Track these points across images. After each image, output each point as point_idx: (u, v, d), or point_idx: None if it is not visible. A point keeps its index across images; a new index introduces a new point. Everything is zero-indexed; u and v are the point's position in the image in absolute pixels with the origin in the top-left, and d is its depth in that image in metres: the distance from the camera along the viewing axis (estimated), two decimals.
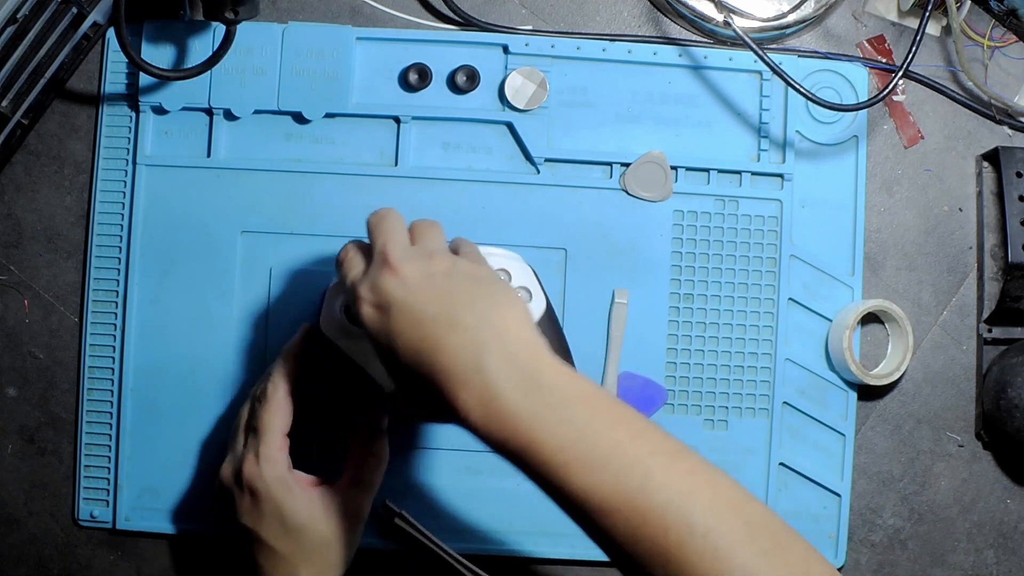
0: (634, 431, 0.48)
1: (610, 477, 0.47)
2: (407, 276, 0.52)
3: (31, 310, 0.70)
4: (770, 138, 0.70)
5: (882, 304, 0.69)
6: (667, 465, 0.47)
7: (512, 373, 0.49)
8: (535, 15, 0.72)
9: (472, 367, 0.49)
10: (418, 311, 0.51)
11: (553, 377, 0.49)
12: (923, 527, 0.71)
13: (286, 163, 0.69)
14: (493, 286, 0.53)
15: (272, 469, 0.59)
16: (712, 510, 0.46)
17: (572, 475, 0.47)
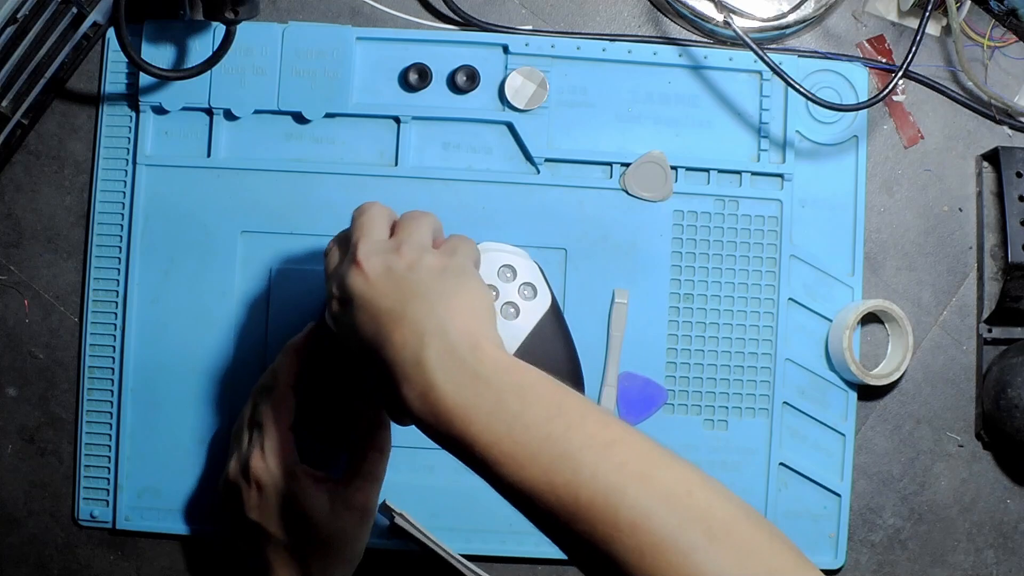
0: (568, 423, 0.47)
1: (539, 473, 0.46)
2: (368, 271, 0.52)
3: (31, 310, 0.70)
4: (770, 138, 0.70)
5: (882, 304, 0.69)
6: (597, 459, 0.45)
7: (448, 365, 0.48)
8: (535, 15, 0.72)
9: (412, 360, 0.48)
10: (374, 305, 0.50)
11: (491, 368, 0.48)
12: (923, 527, 0.71)
13: (286, 163, 0.69)
14: (452, 278, 0.52)
15: (279, 462, 0.59)
16: (639, 506, 0.44)
17: (504, 470, 0.46)
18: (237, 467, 0.60)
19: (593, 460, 0.45)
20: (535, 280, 0.61)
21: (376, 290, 0.51)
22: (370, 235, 0.54)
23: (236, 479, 0.60)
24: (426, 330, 0.49)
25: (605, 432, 0.47)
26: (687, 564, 0.43)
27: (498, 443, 0.46)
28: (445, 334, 0.49)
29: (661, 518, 0.44)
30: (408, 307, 0.50)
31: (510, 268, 0.61)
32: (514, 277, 0.61)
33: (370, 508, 0.61)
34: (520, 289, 0.61)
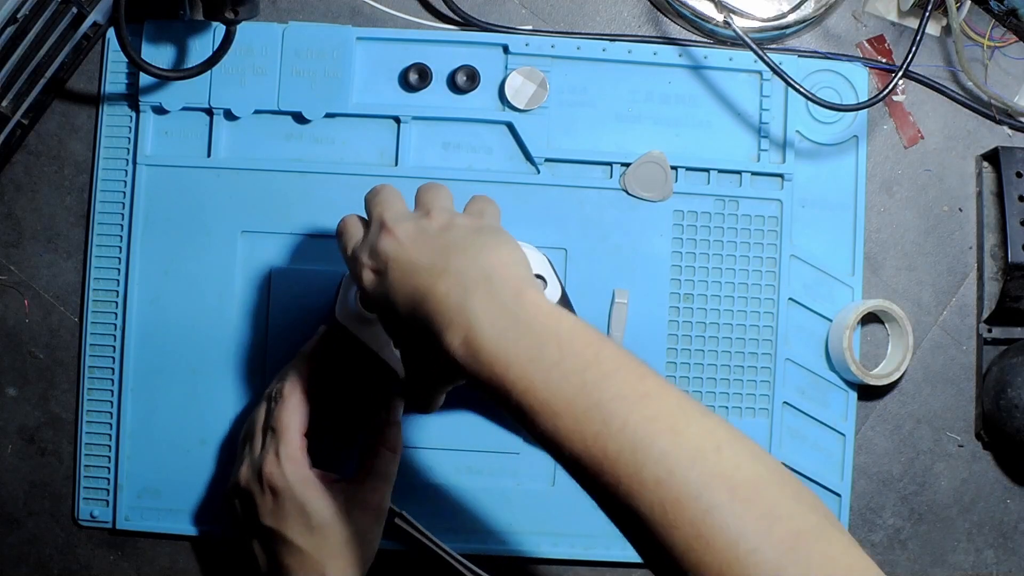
0: (603, 372, 0.46)
1: (570, 423, 0.45)
2: (401, 234, 0.52)
3: (31, 310, 0.70)
4: (770, 138, 0.70)
5: (882, 304, 0.69)
6: (629, 411, 0.45)
7: (492, 311, 0.48)
8: (535, 15, 0.72)
9: (457, 307, 0.49)
10: (412, 264, 0.51)
11: (532, 314, 0.48)
12: (923, 527, 0.71)
13: (286, 163, 0.69)
14: (488, 235, 0.53)
15: (294, 468, 0.59)
16: (665, 461, 0.43)
17: (539, 417, 0.46)
18: (249, 472, 0.60)
19: (624, 412, 0.45)
20: (545, 272, 0.61)
21: (413, 250, 0.52)
22: (393, 206, 0.55)
23: (248, 484, 0.60)
24: (470, 279, 0.49)
25: (640, 384, 0.46)
26: (707, 522, 0.42)
27: (534, 390, 0.46)
28: (489, 281, 0.49)
29: (685, 474, 0.43)
30: (450, 261, 0.50)
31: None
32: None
33: (383, 508, 0.62)
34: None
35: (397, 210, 0.55)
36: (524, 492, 0.69)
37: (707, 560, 0.42)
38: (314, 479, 0.59)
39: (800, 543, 0.42)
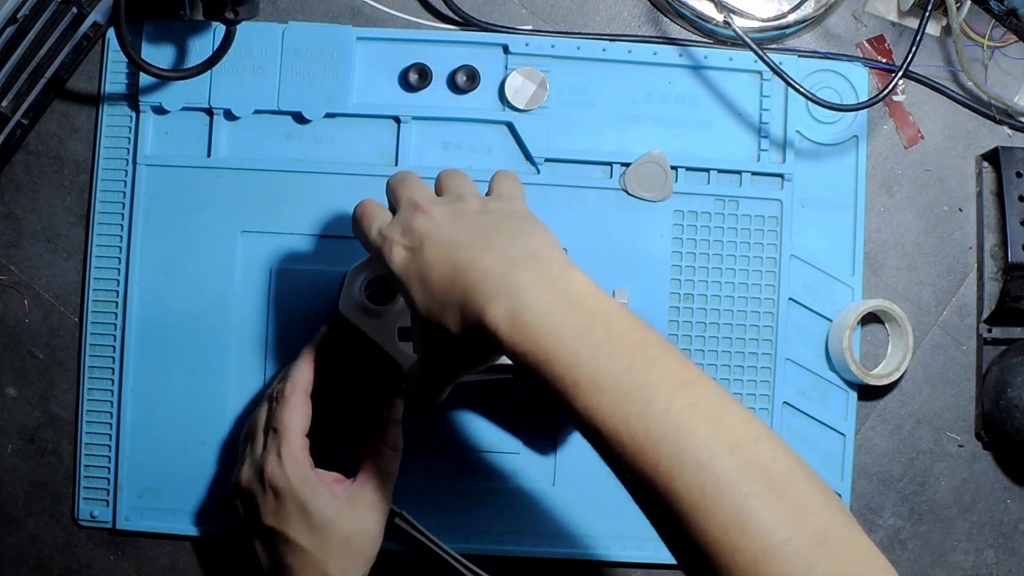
0: (649, 357, 0.47)
1: (613, 401, 0.46)
2: (438, 215, 0.52)
3: (31, 310, 0.70)
4: (770, 138, 0.70)
5: (882, 304, 0.69)
6: (671, 394, 0.45)
7: (540, 286, 0.48)
8: (535, 15, 0.72)
9: (503, 280, 0.49)
10: (452, 241, 0.51)
11: (581, 292, 0.49)
12: (923, 527, 0.71)
13: (286, 163, 0.69)
14: (525, 218, 0.54)
15: (296, 468, 0.59)
16: (706, 446, 0.44)
17: (580, 394, 0.46)
18: (250, 472, 0.60)
19: (668, 395, 0.45)
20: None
21: (451, 229, 0.52)
22: (422, 189, 0.55)
23: (250, 484, 0.60)
24: (515, 255, 0.50)
25: (682, 371, 0.47)
26: (744, 509, 0.43)
27: (580, 366, 0.46)
28: (535, 258, 0.50)
29: (725, 461, 0.44)
30: (491, 240, 0.51)
31: None
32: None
33: (386, 506, 0.62)
34: None
35: (428, 193, 0.55)
36: (524, 492, 0.69)
37: (742, 546, 0.42)
38: (316, 479, 0.59)
39: (830, 538, 0.43)
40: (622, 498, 0.68)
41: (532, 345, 0.48)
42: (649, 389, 0.46)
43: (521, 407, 0.69)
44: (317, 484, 0.59)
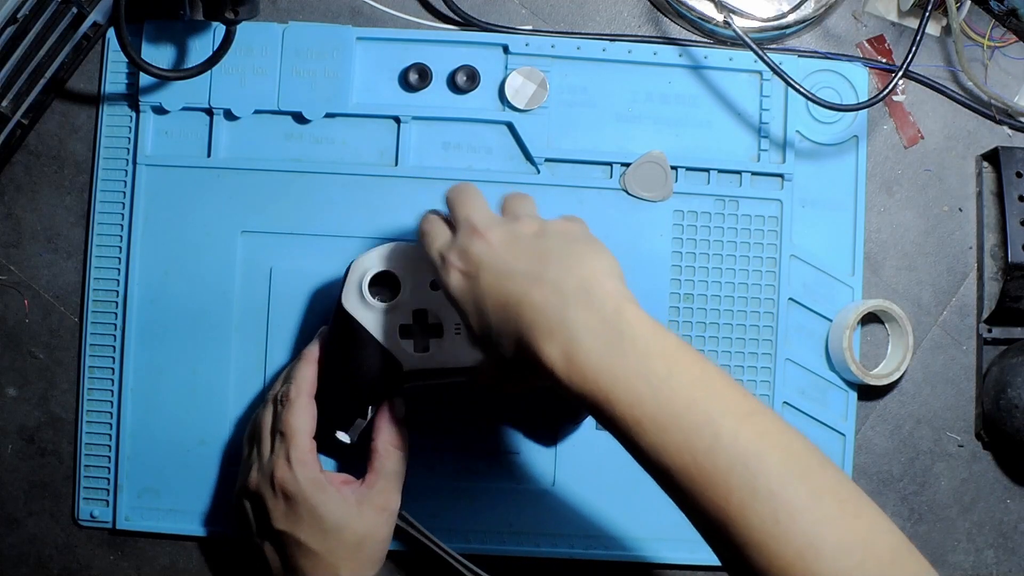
0: (711, 390, 0.47)
1: (680, 436, 0.46)
2: (494, 239, 0.53)
3: (31, 310, 0.70)
4: (770, 138, 0.70)
5: (882, 304, 0.69)
6: (737, 426, 0.46)
7: (594, 324, 0.49)
8: (535, 15, 0.72)
9: (557, 319, 0.49)
10: (506, 269, 0.52)
11: (637, 330, 0.49)
12: (923, 527, 0.71)
13: (286, 163, 0.69)
14: (583, 241, 0.54)
15: (305, 472, 0.59)
16: (777, 474, 0.45)
17: (644, 432, 0.47)
18: (259, 476, 0.60)
19: (734, 427, 0.46)
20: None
21: (506, 255, 0.52)
22: (480, 208, 0.55)
23: (259, 488, 0.60)
24: (568, 289, 0.50)
25: (745, 402, 0.48)
26: (819, 534, 0.44)
27: (641, 404, 0.47)
28: (589, 293, 0.50)
29: (798, 487, 0.45)
30: (546, 269, 0.51)
31: None
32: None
33: (394, 507, 0.62)
34: None
35: (485, 213, 0.55)
36: (524, 492, 0.69)
37: (816, 570, 0.43)
38: (325, 482, 0.59)
39: (897, 559, 0.44)
40: (622, 498, 0.69)
41: (591, 386, 0.48)
42: (715, 422, 0.46)
43: (521, 407, 0.69)
44: (327, 487, 0.59)
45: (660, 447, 0.47)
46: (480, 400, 0.68)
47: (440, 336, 0.61)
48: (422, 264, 0.61)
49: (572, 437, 0.69)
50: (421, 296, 0.61)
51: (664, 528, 0.69)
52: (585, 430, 0.69)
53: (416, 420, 0.69)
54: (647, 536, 0.69)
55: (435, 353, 0.61)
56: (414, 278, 0.61)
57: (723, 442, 0.46)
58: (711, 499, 0.46)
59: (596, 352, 0.48)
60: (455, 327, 0.61)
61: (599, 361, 0.48)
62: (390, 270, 0.61)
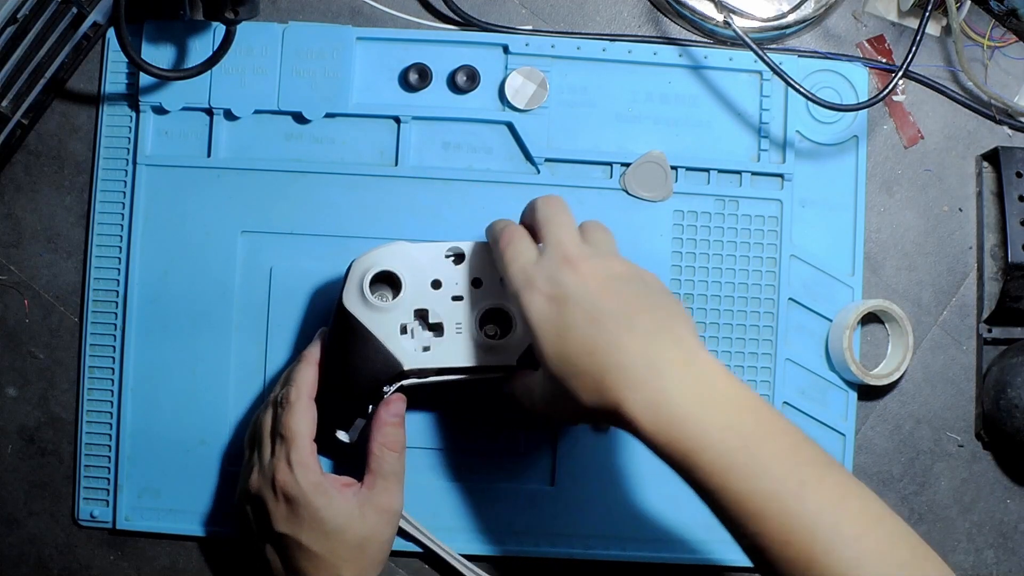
0: (792, 443, 0.51)
1: (768, 484, 0.49)
2: (588, 274, 0.53)
3: (31, 310, 0.70)
4: (770, 138, 0.70)
5: (882, 304, 0.69)
6: (821, 476, 0.49)
7: (686, 378, 0.51)
8: (535, 15, 0.72)
9: (647, 369, 0.51)
10: (597, 308, 0.52)
11: (721, 384, 0.51)
12: (923, 527, 0.71)
13: (286, 163, 0.69)
14: (666, 293, 0.55)
15: (307, 475, 0.59)
16: (859, 520, 0.48)
17: (732, 480, 0.49)
18: (260, 479, 0.60)
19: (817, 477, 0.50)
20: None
21: (599, 295, 0.53)
22: (572, 232, 0.56)
23: (260, 491, 0.60)
24: (660, 341, 0.52)
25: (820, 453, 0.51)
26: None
27: (731, 454, 0.49)
28: (679, 346, 0.52)
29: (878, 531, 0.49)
30: (638, 316, 0.52)
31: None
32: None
33: (396, 508, 0.62)
34: None
35: (577, 238, 0.56)
36: (524, 492, 0.69)
37: None
38: (326, 484, 0.59)
39: None
40: (622, 498, 0.69)
41: (676, 435, 0.50)
42: (801, 471, 0.49)
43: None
44: (329, 490, 0.59)
45: (747, 495, 0.49)
46: (480, 400, 0.68)
47: (441, 335, 0.61)
48: (423, 263, 0.61)
49: (572, 437, 0.69)
50: (422, 295, 0.61)
51: (664, 528, 0.69)
52: (584, 429, 0.69)
53: (416, 420, 0.69)
54: (647, 536, 0.69)
55: (436, 353, 0.61)
56: (415, 277, 0.61)
57: (808, 490, 0.49)
58: (796, 543, 0.48)
59: (686, 407, 0.50)
60: (456, 326, 0.61)
61: (688, 413, 0.50)
62: (391, 270, 0.61)
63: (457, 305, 0.61)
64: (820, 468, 0.50)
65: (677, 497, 0.69)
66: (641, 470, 0.69)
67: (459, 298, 0.61)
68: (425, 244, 0.62)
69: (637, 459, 0.69)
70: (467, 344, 0.61)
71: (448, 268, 0.61)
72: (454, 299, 0.61)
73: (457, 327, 0.61)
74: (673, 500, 0.69)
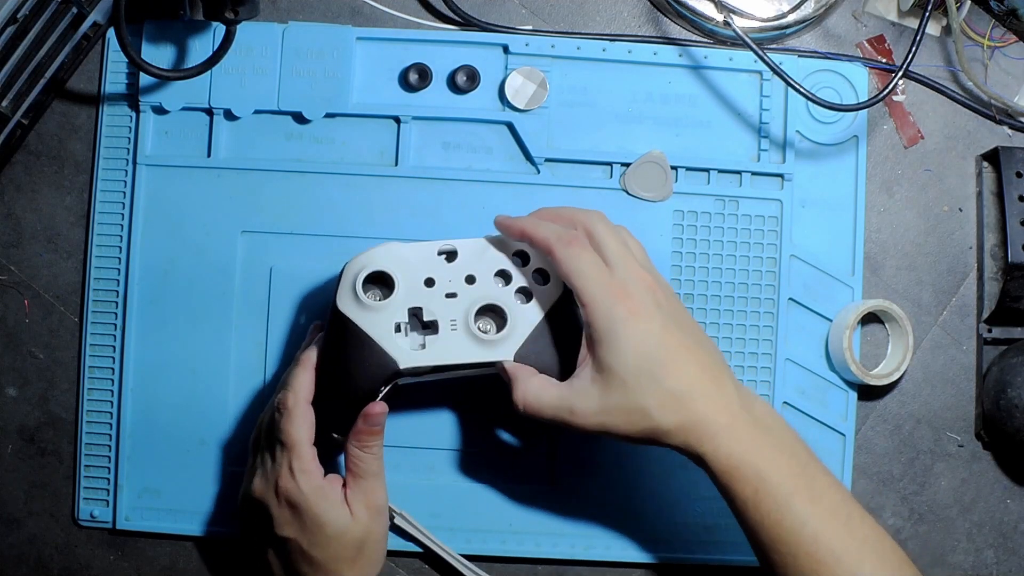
0: (820, 467, 0.57)
1: (825, 509, 0.54)
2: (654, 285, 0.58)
3: (31, 310, 0.70)
4: (770, 138, 0.70)
5: (882, 304, 0.69)
6: (862, 510, 0.56)
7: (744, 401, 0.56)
8: (535, 15, 0.72)
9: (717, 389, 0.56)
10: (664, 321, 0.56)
11: (774, 420, 0.57)
12: (923, 527, 0.71)
13: (286, 163, 0.69)
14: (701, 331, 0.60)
15: (309, 481, 0.59)
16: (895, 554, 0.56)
17: (793, 504, 0.54)
18: (263, 484, 0.60)
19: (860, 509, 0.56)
20: (547, 266, 0.61)
21: (666, 308, 0.57)
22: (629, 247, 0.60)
23: (263, 497, 0.60)
24: (719, 362, 0.57)
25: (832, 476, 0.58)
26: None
27: (794, 478, 0.55)
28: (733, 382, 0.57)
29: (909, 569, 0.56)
30: (695, 335, 0.58)
31: (522, 254, 0.61)
32: (526, 264, 0.61)
33: (382, 503, 0.61)
34: (532, 275, 0.61)
35: (632, 256, 0.59)
36: (524, 492, 0.69)
37: None
38: (327, 490, 0.59)
39: None
40: (622, 498, 0.69)
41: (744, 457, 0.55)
42: (848, 502, 0.56)
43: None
44: (329, 495, 0.59)
45: (806, 518, 0.54)
46: (480, 400, 0.68)
47: (436, 332, 0.61)
48: (415, 263, 0.61)
49: (572, 437, 0.69)
50: (415, 294, 0.61)
51: (664, 528, 0.69)
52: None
53: (416, 420, 0.69)
54: (647, 536, 0.69)
55: (431, 350, 0.60)
56: (408, 276, 0.61)
57: (856, 519, 0.55)
58: (849, 563, 0.54)
59: (748, 436, 0.55)
60: (451, 323, 0.60)
61: (750, 443, 0.55)
62: (383, 270, 0.61)
63: (451, 302, 0.61)
64: (856, 502, 0.56)
65: (677, 497, 0.69)
66: (641, 470, 0.69)
67: (453, 295, 0.61)
68: (417, 243, 0.62)
69: (637, 459, 0.69)
70: (462, 340, 0.60)
71: (441, 266, 0.61)
72: (448, 296, 0.61)
73: (452, 324, 0.60)
74: (673, 500, 0.69)
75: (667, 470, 0.69)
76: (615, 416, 0.56)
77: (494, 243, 0.62)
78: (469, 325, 0.60)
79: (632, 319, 0.55)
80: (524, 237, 0.60)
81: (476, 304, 0.60)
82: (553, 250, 0.58)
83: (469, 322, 0.60)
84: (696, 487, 0.69)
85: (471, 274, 0.61)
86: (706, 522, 0.69)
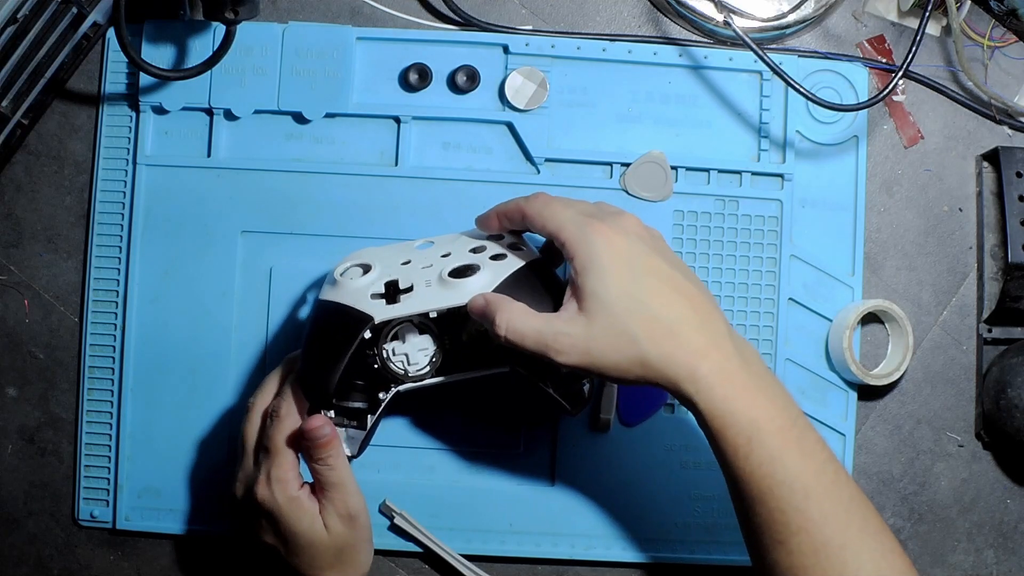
0: (819, 434, 0.56)
1: (816, 466, 0.53)
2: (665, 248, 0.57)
3: (31, 310, 0.70)
4: (770, 138, 0.70)
5: (882, 304, 0.69)
6: (845, 470, 0.56)
7: (736, 352, 0.54)
8: (535, 15, 0.72)
9: (721, 335, 0.54)
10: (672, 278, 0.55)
11: (763, 368, 0.55)
12: (923, 527, 0.71)
13: (286, 163, 0.69)
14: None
15: (283, 491, 0.58)
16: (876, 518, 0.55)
17: (786, 458, 0.53)
18: (243, 491, 0.60)
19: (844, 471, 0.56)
20: (521, 242, 0.61)
21: (674, 269, 0.55)
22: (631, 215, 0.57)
23: (245, 502, 0.60)
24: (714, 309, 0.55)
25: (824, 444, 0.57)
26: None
27: (784, 433, 0.53)
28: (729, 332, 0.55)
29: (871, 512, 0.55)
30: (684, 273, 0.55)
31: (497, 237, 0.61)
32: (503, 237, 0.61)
33: (355, 509, 0.60)
34: (507, 247, 0.60)
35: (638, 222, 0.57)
36: (524, 492, 0.69)
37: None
38: (302, 500, 0.59)
39: None
40: (622, 498, 0.69)
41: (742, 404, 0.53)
42: (834, 462, 0.55)
43: (521, 407, 0.69)
44: (304, 505, 0.58)
45: (801, 472, 0.53)
46: (480, 400, 0.68)
47: (411, 292, 0.58)
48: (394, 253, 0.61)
49: (572, 437, 0.69)
50: (393, 271, 0.59)
51: (663, 528, 0.69)
52: (584, 429, 0.69)
53: (417, 420, 0.69)
54: (647, 536, 0.69)
55: (406, 303, 0.58)
56: (385, 262, 0.60)
57: (842, 477, 0.55)
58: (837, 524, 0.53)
59: (742, 373, 0.53)
60: (425, 282, 0.58)
61: (745, 383, 0.53)
62: (363, 261, 0.60)
63: (427, 270, 0.59)
64: (839, 464, 0.55)
65: (677, 497, 0.69)
66: (641, 470, 0.69)
67: (428, 267, 0.60)
68: (397, 243, 0.63)
69: (637, 459, 0.69)
70: (436, 291, 0.58)
71: (418, 252, 0.61)
72: (424, 268, 0.60)
73: (427, 283, 0.59)
74: (673, 500, 0.69)
75: (667, 470, 0.69)
76: (600, 343, 0.53)
77: (469, 233, 0.62)
78: (443, 277, 0.58)
79: (614, 245, 0.54)
80: (498, 216, 0.59)
81: (451, 266, 0.59)
82: (523, 208, 0.58)
83: (443, 275, 0.58)
84: (696, 487, 0.69)
85: (448, 252, 0.60)
86: (706, 522, 0.69)
